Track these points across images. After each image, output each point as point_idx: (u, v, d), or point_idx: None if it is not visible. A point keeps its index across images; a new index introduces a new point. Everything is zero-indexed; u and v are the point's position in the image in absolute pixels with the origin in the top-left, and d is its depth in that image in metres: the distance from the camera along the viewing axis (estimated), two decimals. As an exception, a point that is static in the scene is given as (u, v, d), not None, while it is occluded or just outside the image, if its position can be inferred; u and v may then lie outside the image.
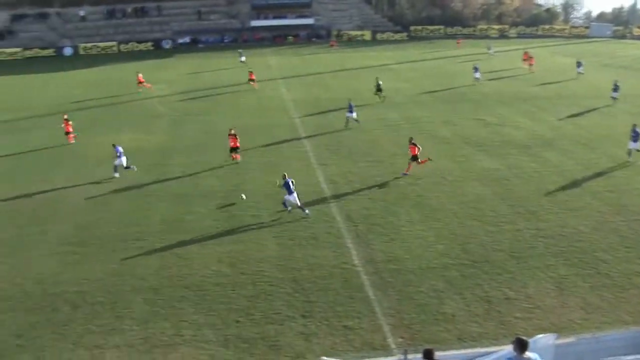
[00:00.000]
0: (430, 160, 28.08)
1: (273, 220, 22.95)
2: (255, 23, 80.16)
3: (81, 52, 77.61)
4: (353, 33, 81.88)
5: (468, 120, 37.83)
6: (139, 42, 78.27)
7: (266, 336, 15.65)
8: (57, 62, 72.23)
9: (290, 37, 77.30)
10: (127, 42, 78.28)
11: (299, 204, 23.09)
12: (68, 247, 21.64)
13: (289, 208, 23.42)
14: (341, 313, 16.46)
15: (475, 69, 51.16)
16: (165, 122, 39.15)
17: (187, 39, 78.33)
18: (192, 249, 20.93)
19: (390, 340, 15.12)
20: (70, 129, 35.35)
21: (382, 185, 26.42)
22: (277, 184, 23.69)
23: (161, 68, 59.64)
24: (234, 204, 24.70)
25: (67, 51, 77.76)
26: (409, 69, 58.59)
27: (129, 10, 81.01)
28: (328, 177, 27.68)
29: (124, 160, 28.86)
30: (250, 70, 50.69)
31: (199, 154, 31.94)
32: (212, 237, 21.80)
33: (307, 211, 23.21)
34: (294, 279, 18.48)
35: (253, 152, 31.56)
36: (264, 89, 48.47)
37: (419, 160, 27.40)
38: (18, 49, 77.92)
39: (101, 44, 78.24)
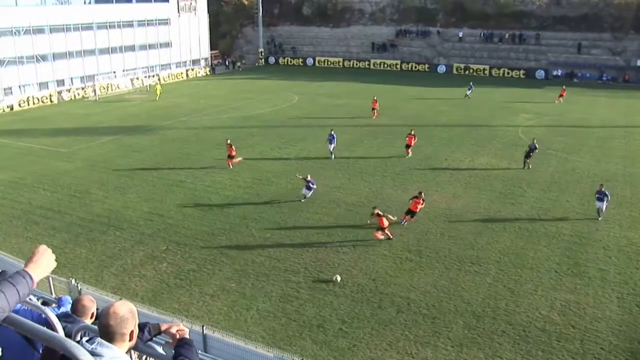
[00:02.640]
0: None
1: (621, 280, 21.45)
2: (642, 63, 74.41)
3: (454, 71, 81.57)
4: None
5: None
6: (511, 68, 78.78)
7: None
8: (430, 78, 77.14)
9: (683, 82, 69.63)
10: (499, 67, 79.52)
11: (307, 195, 29.37)
12: (407, 253, 23.51)
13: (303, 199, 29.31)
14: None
15: None
16: (523, 152, 39.07)
17: (561, 72, 76.41)
18: (526, 286, 20.87)
19: None
20: (233, 153, 35.46)
21: None
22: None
23: (530, 98, 59.52)
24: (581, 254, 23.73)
25: (441, 69, 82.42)
26: None
27: (506, 36, 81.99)
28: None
29: (332, 146, 37.26)
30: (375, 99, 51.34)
31: (553, 192, 31.27)
32: (550, 279, 21.42)
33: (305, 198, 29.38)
34: (632, 350, 17.20)
35: (617, 202, 29.58)
36: (637, 135, 44.94)
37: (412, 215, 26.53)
38: (397, 61, 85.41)
39: (473, 66, 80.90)
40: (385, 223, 24.57)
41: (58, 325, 3.70)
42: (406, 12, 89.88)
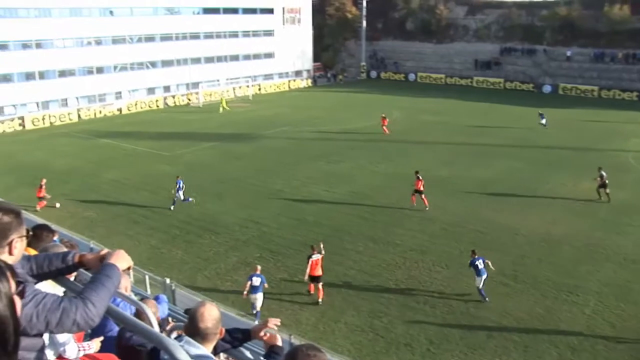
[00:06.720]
0: None
1: None
2: None
3: (560, 91, 78.79)
4: None
5: None
6: (623, 90, 75.09)
7: None
8: (535, 97, 74.46)
9: None
10: (609, 89, 76.01)
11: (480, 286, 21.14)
12: (502, 277, 22.77)
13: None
14: None
15: None
16: (633, 179, 37.09)
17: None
18: (630, 323, 19.64)
19: None
20: (42, 194, 30.22)
21: None
22: None
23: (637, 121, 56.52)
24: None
25: (547, 89, 79.82)
26: None
27: (620, 55, 78.32)
28: None
29: (180, 193, 30.27)
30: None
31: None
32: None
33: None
34: None
35: None
36: None
37: None
38: (501, 80, 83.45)
39: (581, 87, 77.73)
40: None
41: (154, 322, 3.82)
42: (512, 30, 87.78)
